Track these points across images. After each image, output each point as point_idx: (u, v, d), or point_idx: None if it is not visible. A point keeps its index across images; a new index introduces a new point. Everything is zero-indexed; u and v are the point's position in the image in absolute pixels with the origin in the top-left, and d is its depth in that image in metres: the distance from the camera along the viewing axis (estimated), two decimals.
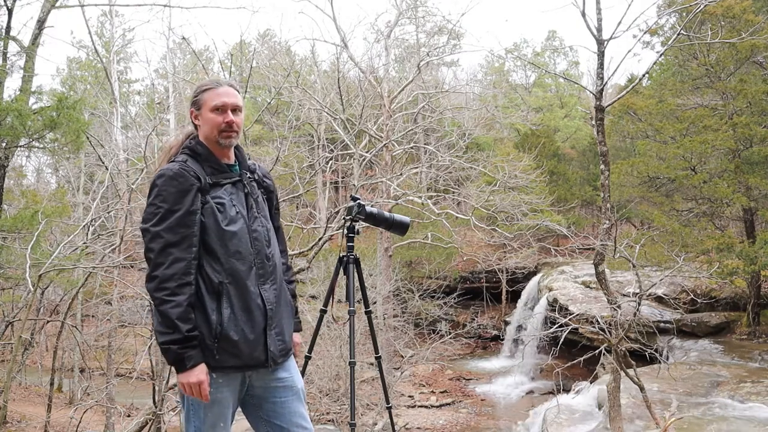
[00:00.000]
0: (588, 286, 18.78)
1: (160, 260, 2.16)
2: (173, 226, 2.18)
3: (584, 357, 9.02)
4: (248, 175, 2.45)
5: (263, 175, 2.54)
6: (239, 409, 2.50)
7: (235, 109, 2.38)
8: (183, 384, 2.19)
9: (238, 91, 2.43)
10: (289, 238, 10.60)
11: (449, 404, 18.17)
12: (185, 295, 2.17)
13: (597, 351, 9.77)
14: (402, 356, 17.01)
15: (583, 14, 7.62)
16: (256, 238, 2.36)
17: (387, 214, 3.20)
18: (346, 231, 3.09)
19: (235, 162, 2.44)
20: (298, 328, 2.62)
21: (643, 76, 11.68)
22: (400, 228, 3.20)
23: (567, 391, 14.45)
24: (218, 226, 2.27)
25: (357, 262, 3.09)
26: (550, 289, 19.65)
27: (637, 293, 8.39)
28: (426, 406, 17.88)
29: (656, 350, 13.38)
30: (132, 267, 13.80)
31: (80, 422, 11.88)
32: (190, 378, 2.18)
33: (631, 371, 8.38)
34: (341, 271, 3.09)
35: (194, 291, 2.22)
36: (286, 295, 2.48)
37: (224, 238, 2.27)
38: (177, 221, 2.19)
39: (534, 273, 23.27)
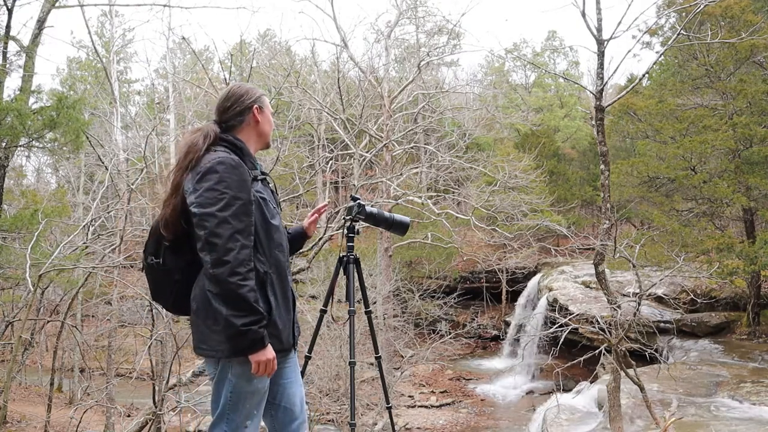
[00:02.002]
0: (588, 286, 18.78)
1: (230, 246, 2.18)
2: (239, 213, 2.23)
3: (584, 357, 9.02)
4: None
5: None
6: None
7: None
8: (260, 363, 2.24)
9: None
10: None
11: (449, 404, 18.18)
12: (253, 280, 2.23)
13: (597, 351, 9.77)
14: (402, 356, 17.01)
15: (583, 14, 7.63)
16: (285, 234, 2.52)
17: (387, 214, 3.20)
18: (346, 231, 3.09)
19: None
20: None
21: (643, 76, 11.68)
22: (400, 228, 3.20)
23: (567, 391, 14.44)
24: (265, 219, 2.37)
25: (357, 262, 3.09)
26: (550, 289, 19.65)
27: (637, 293, 8.39)
28: (426, 406, 17.88)
29: (656, 350, 13.39)
30: (132, 267, 13.80)
31: (80, 422, 11.86)
32: (268, 354, 2.25)
33: (631, 371, 8.38)
34: (341, 271, 3.09)
35: None
36: None
37: (270, 231, 2.38)
38: (241, 209, 2.24)
39: (534, 273, 23.28)
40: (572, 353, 11.47)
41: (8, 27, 8.92)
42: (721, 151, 15.11)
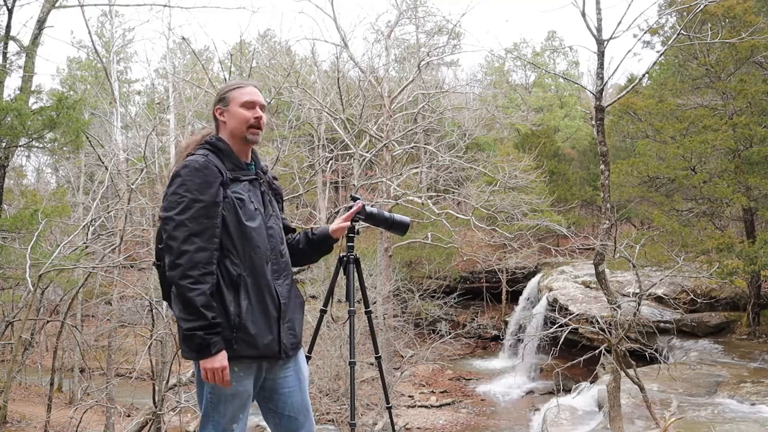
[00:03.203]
0: (588, 286, 18.78)
1: (185, 248, 2.18)
2: (198, 216, 2.22)
3: (584, 357, 9.02)
4: (262, 175, 2.53)
5: (273, 177, 2.63)
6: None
7: (262, 108, 2.48)
8: (207, 370, 2.21)
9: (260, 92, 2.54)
10: None
11: (449, 404, 18.17)
12: (208, 284, 2.20)
13: (597, 351, 9.77)
14: (402, 356, 17.01)
15: (583, 14, 7.62)
16: (271, 235, 2.44)
17: (387, 214, 3.19)
18: (346, 231, 3.09)
19: (252, 161, 2.50)
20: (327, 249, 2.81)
21: (643, 76, 11.69)
22: (400, 228, 3.19)
23: (567, 391, 14.44)
24: (238, 221, 2.33)
25: (357, 262, 3.08)
26: (550, 289, 19.64)
27: (637, 293, 8.39)
28: (426, 406, 17.87)
29: (656, 350, 13.38)
30: (132, 267, 13.79)
31: (80, 422, 11.87)
32: (215, 363, 2.21)
33: (631, 371, 8.38)
34: (341, 271, 3.08)
35: (215, 282, 2.26)
36: (296, 290, 2.57)
37: (244, 232, 2.34)
38: (201, 211, 2.22)
39: (534, 273, 23.27)
40: (572, 353, 11.45)
41: (8, 27, 8.92)
42: (721, 151, 15.11)
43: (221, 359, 2.21)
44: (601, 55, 7.91)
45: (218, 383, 2.24)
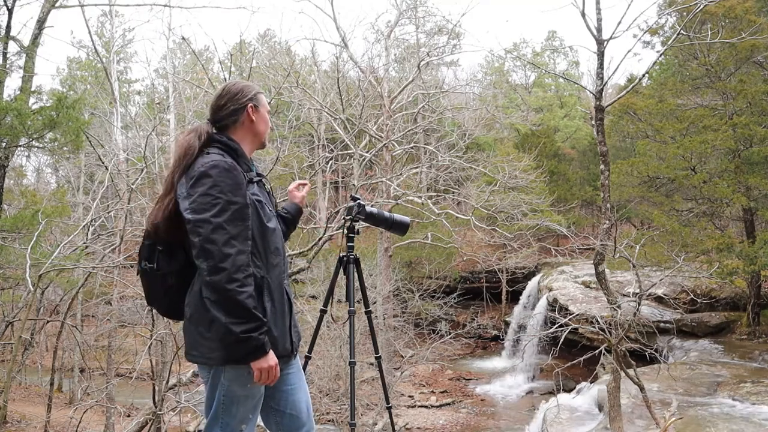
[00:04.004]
0: (588, 286, 18.78)
1: (227, 251, 2.13)
2: (234, 218, 2.17)
3: (584, 357, 9.02)
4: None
5: None
6: None
7: None
8: (261, 370, 2.20)
9: None
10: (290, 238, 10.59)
11: (449, 404, 18.17)
12: (252, 286, 2.18)
13: (597, 351, 9.77)
14: (402, 356, 17.00)
15: (583, 14, 7.63)
16: (281, 236, 2.45)
17: (387, 214, 3.20)
18: (346, 231, 3.09)
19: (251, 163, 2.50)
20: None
21: (643, 76, 11.69)
22: (400, 228, 3.19)
23: (567, 391, 14.44)
24: (261, 223, 2.31)
25: (357, 262, 3.09)
26: (550, 289, 19.64)
27: (637, 293, 8.39)
28: (426, 406, 17.87)
29: (656, 350, 13.38)
30: (132, 267, 13.77)
31: (80, 422, 11.86)
32: (270, 361, 2.21)
33: (631, 371, 8.38)
34: (341, 271, 3.09)
35: None
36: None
37: (266, 234, 2.32)
38: (236, 214, 2.19)
39: (534, 273, 23.27)
40: (572, 353, 11.45)
41: (8, 27, 8.92)
42: (721, 151, 15.11)
43: (273, 356, 2.22)
44: (601, 55, 7.92)
45: (271, 380, 2.24)
